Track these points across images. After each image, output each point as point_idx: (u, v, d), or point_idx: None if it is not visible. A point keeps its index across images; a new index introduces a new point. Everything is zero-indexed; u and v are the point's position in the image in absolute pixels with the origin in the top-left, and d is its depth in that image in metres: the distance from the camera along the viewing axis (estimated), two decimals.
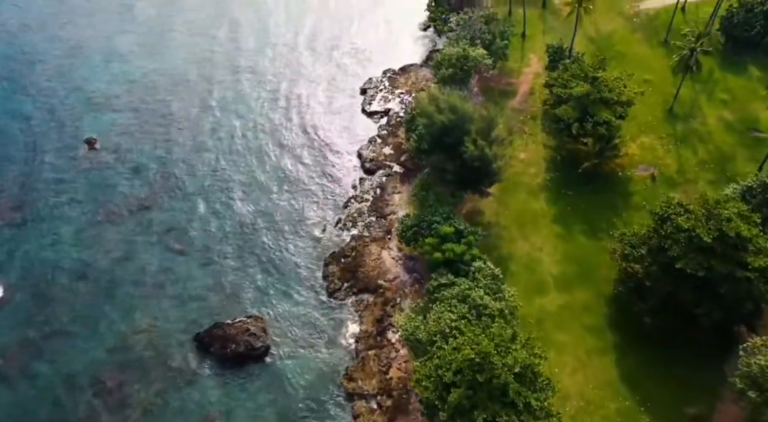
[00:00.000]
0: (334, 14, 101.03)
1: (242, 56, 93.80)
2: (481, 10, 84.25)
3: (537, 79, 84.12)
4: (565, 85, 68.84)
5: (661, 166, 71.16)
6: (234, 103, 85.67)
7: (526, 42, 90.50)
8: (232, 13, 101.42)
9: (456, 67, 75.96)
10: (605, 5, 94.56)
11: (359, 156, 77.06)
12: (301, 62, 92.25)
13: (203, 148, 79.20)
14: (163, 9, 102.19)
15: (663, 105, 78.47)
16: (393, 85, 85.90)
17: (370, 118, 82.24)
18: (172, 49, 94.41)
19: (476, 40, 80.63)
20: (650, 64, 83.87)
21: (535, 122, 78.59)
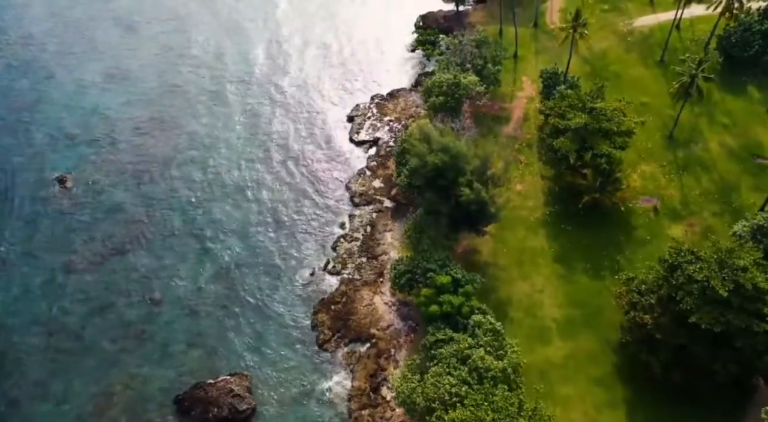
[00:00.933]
0: (317, 36, 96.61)
1: (224, 83, 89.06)
2: (471, 33, 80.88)
3: (531, 104, 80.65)
4: (563, 115, 65.49)
5: (664, 196, 67.88)
6: (215, 135, 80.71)
7: (519, 63, 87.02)
8: (213, 38, 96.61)
9: (447, 94, 72.20)
10: (598, 23, 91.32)
11: (348, 189, 72.84)
12: (284, 88, 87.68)
13: (182, 186, 74.27)
14: (137, 34, 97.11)
15: (662, 129, 75.38)
16: (381, 112, 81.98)
17: (359, 148, 78.06)
18: (150, 77, 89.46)
19: (467, 64, 77.33)
20: (647, 86, 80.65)
21: (530, 150, 75.00)
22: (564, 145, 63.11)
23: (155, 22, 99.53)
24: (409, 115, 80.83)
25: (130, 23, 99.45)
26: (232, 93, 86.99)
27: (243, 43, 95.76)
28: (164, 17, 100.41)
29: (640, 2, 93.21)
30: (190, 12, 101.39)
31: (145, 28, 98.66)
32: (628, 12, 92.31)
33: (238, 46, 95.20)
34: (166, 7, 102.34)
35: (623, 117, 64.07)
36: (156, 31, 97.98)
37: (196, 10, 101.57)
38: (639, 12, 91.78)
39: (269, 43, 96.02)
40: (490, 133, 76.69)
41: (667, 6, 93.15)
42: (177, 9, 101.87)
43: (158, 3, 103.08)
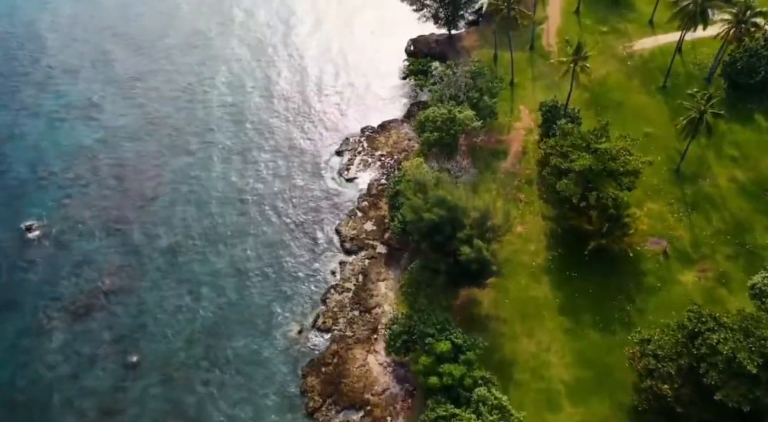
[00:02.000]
0: (304, 63, 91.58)
1: (207, 115, 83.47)
2: (465, 63, 76.50)
3: (529, 136, 76.23)
4: (565, 154, 61.43)
5: (673, 237, 63.73)
6: (196, 174, 75.25)
7: (515, 90, 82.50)
8: (198, 66, 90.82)
9: (441, 130, 67.87)
10: (597, 47, 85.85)
11: (338, 233, 67.97)
12: (270, 122, 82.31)
13: (161, 231, 69.08)
14: (115, 65, 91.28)
15: (668, 163, 71.30)
16: (372, 146, 77.39)
17: (349, 186, 73.27)
18: (130, 110, 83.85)
19: (461, 96, 73.04)
20: (650, 115, 76.42)
21: (530, 187, 70.57)
22: (568, 188, 58.86)
23: (135, 51, 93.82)
24: (402, 149, 76.35)
25: (110, 52, 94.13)
26: (215, 126, 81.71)
27: (227, 72, 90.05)
28: (145, 44, 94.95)
29: (639, 23, 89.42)
30: (175, 43, 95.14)
31: (126, 54, 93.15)
32: (628, 34, 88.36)
33: (221, 74, 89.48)
34: (149, 32, 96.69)
35: (629, 156, 60.26)
36: (137, 59, 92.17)
37: (183, 40, 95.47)
38: (638, 34, 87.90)
39: (254, 70, 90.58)
40: (488, 169, 72.21)
41: (666, 27, 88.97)
42: (160, 37, 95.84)
43: (140, 29, 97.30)
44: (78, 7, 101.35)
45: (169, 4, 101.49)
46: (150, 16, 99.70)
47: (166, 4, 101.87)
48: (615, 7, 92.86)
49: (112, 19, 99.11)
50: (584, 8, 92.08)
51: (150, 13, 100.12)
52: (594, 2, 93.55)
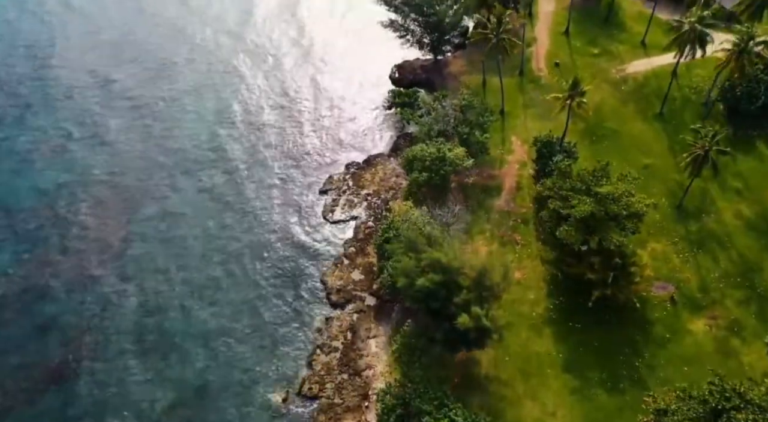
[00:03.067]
0: (285, 92, 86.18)
1: (180, 149, 77.79)
2: (454, 95, 72.16)
3: (523, 170, 71.73)
4: (564, 198, 57.32)
5: (680, 281, 59.50)
6: (170, 219, 69.47)
7: (506, 119, 78.15)
8: (176, 98, 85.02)
9: (431, 170, 63.54)
10: (589, 70, 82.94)
11: (324, 284, 62.86)
12: (248, 159, 76.40)
13: (132, 287, 63.19)
14: (83, 92, 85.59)
15: (670, 197, 67.22)
16: (358, 184, 72.46)
17: (334, 230, 68.22)
18: (98, 148, 77.67)
19: (450, 130, 68.58)
20: (648, 145, 72.29)
21: (527, 227, 66.13)
22: (569, 235, 54.52)
23: (108, 84, 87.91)
24: (389, 186, 71.56)
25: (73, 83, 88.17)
26: (189, 167, 75.63)
27: (201, 105, 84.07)
28: (116, 76, 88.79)
29: (630, 44, 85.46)
30: (142, 72, 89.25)
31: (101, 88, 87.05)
32: (620, 56, 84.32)
33: (195, 108, 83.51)
34: (122, 62, 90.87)
35: (632, 198, 56.31)
36: (109, 93, 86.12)
37: (150, 71, 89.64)
38: (631, 56, 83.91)
39: (231, 104, 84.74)
40: (481, 208, 67.57)
41: (659, 48, 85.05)
42: (133, 66, 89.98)
43: (114, 60, 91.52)
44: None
45: (139, 36, 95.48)
46: (118, 45, 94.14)
47: (137, 34, 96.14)
48: (605, 26, 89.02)
49: (84, 50, 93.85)
50: (573, 28, 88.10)
51: (120, 43, 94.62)
52: (583, 22, 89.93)
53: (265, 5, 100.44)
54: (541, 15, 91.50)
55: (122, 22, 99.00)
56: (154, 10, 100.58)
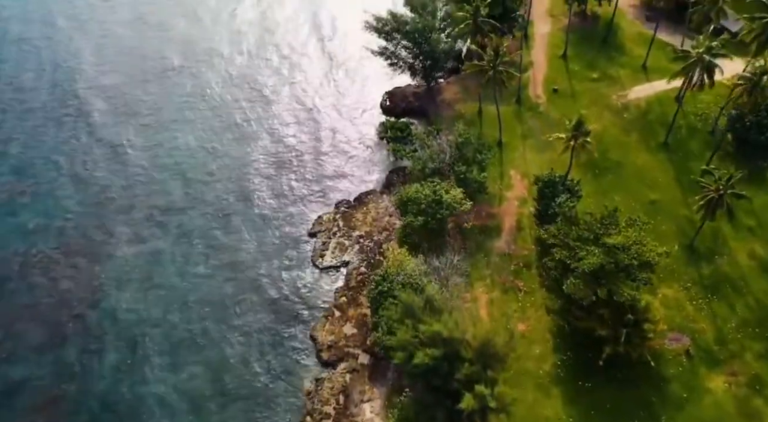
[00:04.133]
0: (270, 121, 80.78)
1: (166, 189, 72.38)
2: (449, 130, 67.63)
3: (523, 208, 67.25)
4: (570, 246, 53.10)
5: (695, 332, 55.14)
6: (144, 272, 63.82)
7: (504, 151, 73.54)
8: (156, 129, 79.89)
9: (427, 214, 59.06)
10: (589, 97, 78.95)
11: (313, 340, 57.99)
12: (231, 198, 71.05)
13: (102, 350, 57.59)
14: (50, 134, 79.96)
15: (680, 236, 62.97)
16: (349, 225, 67.72)
17: (324, 277, 63.32)
18: (70, 191, 71.93)
19: (445, 167, 64.22)
20: (654, 178, 68.06)
21: (530, 272, 61.76)
22: (576, 290, 50.29)
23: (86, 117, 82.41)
24: (383, 227, 66.94)
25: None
26: (169, 207, 70.17)
27: (181, 137, 78.60)
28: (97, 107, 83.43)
29: (631, 68, 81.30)
30: (111, 109, 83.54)
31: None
32: (620, 81, 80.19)
33: (176, 141, 78.20)
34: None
35: (643, 247, 52.30)
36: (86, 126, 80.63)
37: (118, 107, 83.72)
38: (632, 80, 79.70)
39: (211, 139, 78.94)
40: (480, 251, 63.10)
41: (662, 71, 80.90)
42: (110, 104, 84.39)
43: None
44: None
45: (115, 66, 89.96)
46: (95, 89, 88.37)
47: (107, 62, 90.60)
48: (604, 48, 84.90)
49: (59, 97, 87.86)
50: (571, 51, 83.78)
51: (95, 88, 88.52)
52: (581, 44, 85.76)
53: (247, 34, 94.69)
54: (536, 37, 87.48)
55: (86, 46, 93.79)
56: (128, 36, 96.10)
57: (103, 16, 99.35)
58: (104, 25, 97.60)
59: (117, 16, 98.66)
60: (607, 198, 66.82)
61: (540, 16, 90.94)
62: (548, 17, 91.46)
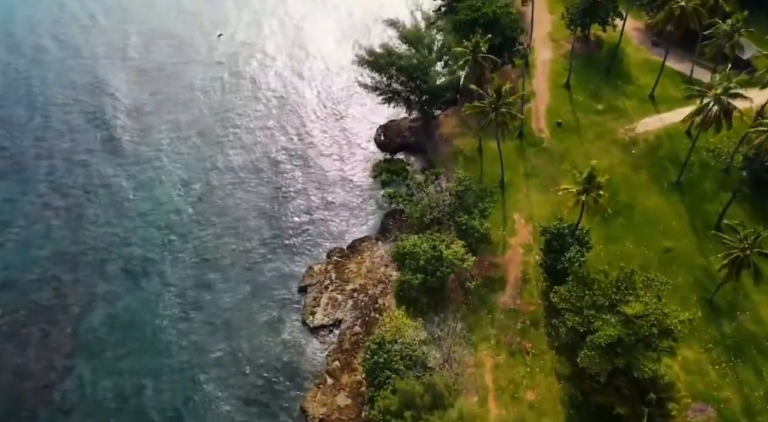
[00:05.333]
0: (257, 158, 75.54)
1: (142, 229, 67.39)
2: (448, 172, 62.61)
3: (528, 256, 62.24)
4: (584, 312, 48.41)
5: (720, 401, 49.97)
6: (121, 332, 58.57)
7: (507, 192, 68.60)
8: (132, 175, 74.17)
9: (426, 271, 54.11)
10: (595, 130, 74.00)
11: (304, 412, 52.45)
12: (214, 246, 65.74)
13: (75, 408, 52.47)
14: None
15: (698, 289, 58.06)
16: (342, 277, 62.50)
17: (315, 338, 58.15)
18: (38, 240, 66.57)
19: (445, 217, 59.55)
20: (668, 222, 63.19)
21: (537, 330, 56.52)
22: (592, 363, 45.78)
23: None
24: (378, 279, 61.89)
25: None
26: (144, 254, 65.04)
27: (159, 175, 73.48)
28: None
29: (638, 98, 76.43)
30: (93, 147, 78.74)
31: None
32: (627, 113, 75.40)
33: (159, 186, 73.07)
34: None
35: (665, 315, 47.72)
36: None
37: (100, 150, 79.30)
38: (639, 112, 74.88)
39: (191, 173, 74.40)
40: (483, 306, 58.00)
41: (670, 102, 77.06)
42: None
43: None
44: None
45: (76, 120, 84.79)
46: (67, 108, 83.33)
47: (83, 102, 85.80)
48: (609, 77, 79.93)
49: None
50: (575, 80, 78.89)
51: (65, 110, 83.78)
52: (584, 72, 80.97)
53: (227, 65, 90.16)
54: (538, 64, 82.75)
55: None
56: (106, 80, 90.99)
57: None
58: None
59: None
60: (618, 245, 62.54)
61: (541, 40, 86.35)
62: (550, 42, 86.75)
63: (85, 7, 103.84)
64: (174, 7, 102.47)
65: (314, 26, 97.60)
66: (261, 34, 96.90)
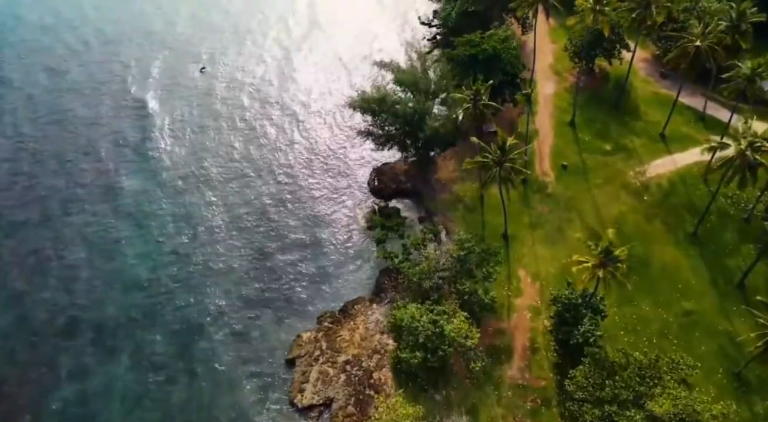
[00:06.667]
0: (236, 225, 68.26)
1: (113, 299, 60.73)
2: (450, 239, 56.60)
3: (536, 321, 56.47)
4: (605, 407, 43.28)
5: None
6: (89, 413, 51.90)
7: (511, 246, 62.88)
8: (106, 226, 68.25)
9: (426, 348, 48.73)
10: (603, 173, 68.49)
11: None
12: (194, 312, 59.68)
13: None
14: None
15: (723, 359, 52.37)
16: (333, 347, 56.46)
17: (304, 420, 51.80)
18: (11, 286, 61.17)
19: (445, 284, 54.14)
20: (686, 280, 57.67)
21: (549, 410, 50.47)
22: None
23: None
24: (373, 349, 55.99)
25: None
26: (117, 324, 58.74)
27: (134, 240, 66.88)
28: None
29: (648, 136, 71.00)
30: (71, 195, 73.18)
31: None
32: (637, 153, 69.88)
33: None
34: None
35: (696, 413, 42.04)
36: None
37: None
38: (650, 152, 69.40)
39: (176, 216, 68.94)
40: (488, 381, 52.38)
41: (683, 140, 71.64)
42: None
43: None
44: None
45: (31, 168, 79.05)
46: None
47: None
48: (616, 113, 74.89)
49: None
50: (580, 117, 73.58)
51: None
52: (590, 107, 75.57)
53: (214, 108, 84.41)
54: (540, 98, 77.19)
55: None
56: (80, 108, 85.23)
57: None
58: None
59: None
60: (634, 307, 57.05)
61: (544, 72, 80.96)
62: (552, 74, 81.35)
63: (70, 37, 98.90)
64: (159, 38, 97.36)
65: (305, 60, 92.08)
66: (248, 67, 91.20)
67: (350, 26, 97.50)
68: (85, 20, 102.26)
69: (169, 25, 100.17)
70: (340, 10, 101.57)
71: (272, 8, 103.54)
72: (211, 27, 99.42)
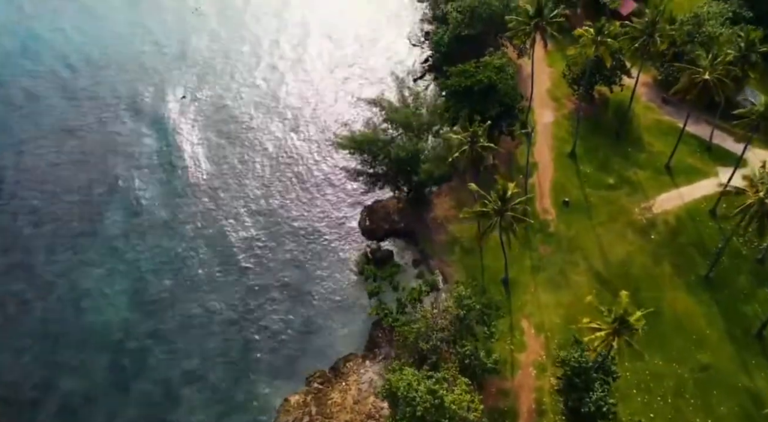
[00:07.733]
0: (223, 270, 63.60)
1: (88, 346, 56.11)
2: (448, 292, 52.40)
3: (542, 379, 51.95)
4: None
5: None
6: None
7: (512, 293, 59.00)
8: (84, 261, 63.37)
9: (424, 420, 45.19)
10: (607, 210, 64.53)
11: None
12: (174, 373, 54.98)
13: None
14: None
15: (744, 420, 50.77)
16: (324, 412, 51.36)
17: None
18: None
19: (443, 346, 49.93)
20: (700, 330, 53.72)
21: None
22: None
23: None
24: (367, 414, 51.20)
25: None
26: (82, 394, 53.43)
27: (107, 290, 61.53)
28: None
29: (652, 169, 66.86)
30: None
31: None
32: (642, 187, 65.95)
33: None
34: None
35: None
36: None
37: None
38: (656, 186, 65.30)
39: (156, 264, 63.72)
40: None
41: (689, 173, 67.65)
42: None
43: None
44: None
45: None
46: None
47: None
48: (618, 143, 70.90)
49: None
50: (581, 147, 69.50)
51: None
52: (590, 137, 71.22)
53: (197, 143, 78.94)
54: (539, 127, 72.69)
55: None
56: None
57: None
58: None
59: None
60: (647, 363, 53.40)
61: (541, 99, 76.66)
62: (550, 100, 77.14)
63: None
64: (135, 61, 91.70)
65: (291, 86, 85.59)
66: (232, 94, 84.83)
67: (342, 54, 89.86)
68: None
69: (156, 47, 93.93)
70: (333, 38, 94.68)
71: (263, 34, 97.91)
72: (196, 51, 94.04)
